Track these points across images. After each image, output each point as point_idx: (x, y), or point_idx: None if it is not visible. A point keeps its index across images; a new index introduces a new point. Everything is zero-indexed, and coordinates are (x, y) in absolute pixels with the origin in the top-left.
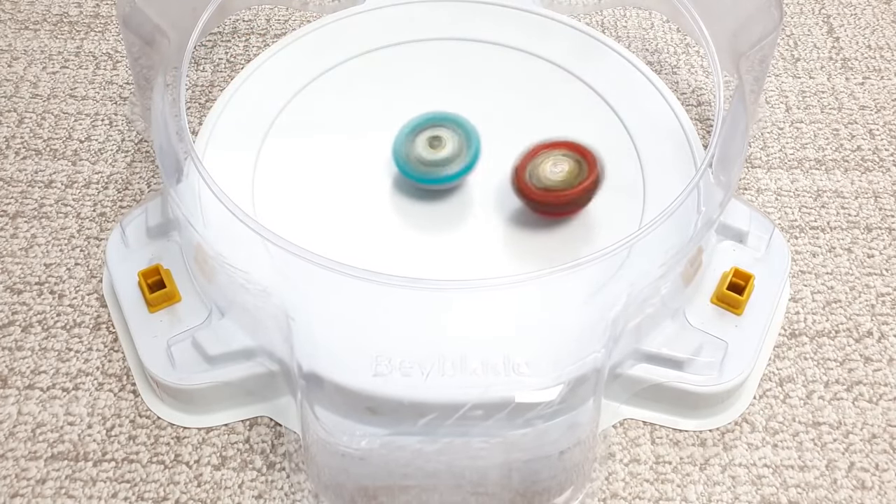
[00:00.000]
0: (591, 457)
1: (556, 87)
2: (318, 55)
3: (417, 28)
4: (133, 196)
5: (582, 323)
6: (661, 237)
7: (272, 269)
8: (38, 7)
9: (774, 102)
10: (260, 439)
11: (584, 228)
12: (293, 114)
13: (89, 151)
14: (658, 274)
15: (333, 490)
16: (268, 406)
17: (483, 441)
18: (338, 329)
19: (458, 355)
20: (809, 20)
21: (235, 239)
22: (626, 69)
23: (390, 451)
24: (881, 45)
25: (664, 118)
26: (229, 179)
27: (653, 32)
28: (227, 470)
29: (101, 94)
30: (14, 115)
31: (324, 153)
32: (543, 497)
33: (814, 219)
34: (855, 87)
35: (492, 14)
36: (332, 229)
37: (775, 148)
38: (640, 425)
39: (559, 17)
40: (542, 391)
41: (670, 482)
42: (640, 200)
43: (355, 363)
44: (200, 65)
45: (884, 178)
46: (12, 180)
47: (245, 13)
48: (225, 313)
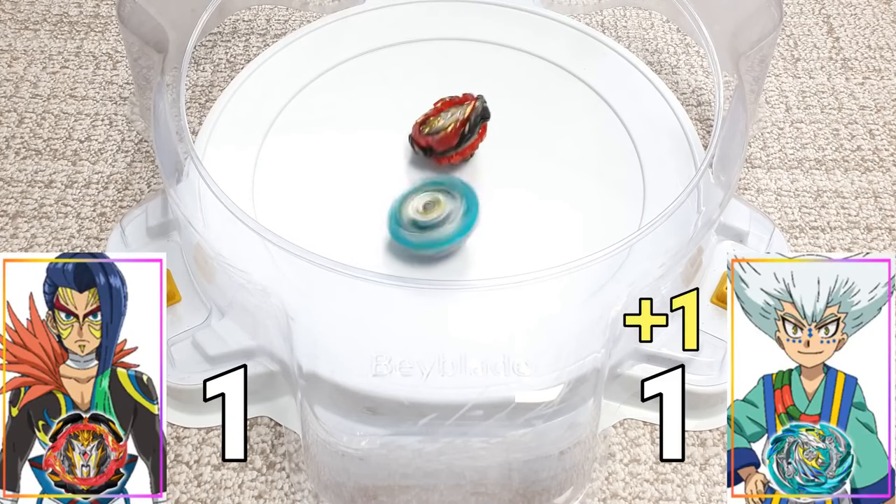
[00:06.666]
0: (591, 457)
1: (556, 87)
2: (318, 55)
3: (417, 28)
4: (133, 196)
5: (582, 323)
6: (661, 237)
7: (272, 269)
8: (38, 7)
9: (774, 102)
10: (260, 439)
11: (584, 228)
12: (293, 113)
13: (89, 151)
14: (658, 274)
15: (333, 490)
16: (268, 406)
17: (483, 441)
18: (338, 329)
19: (458, 355)
20: (809, 20)
21: (235, 239)
22: (626, 69)
23: (390, 451)
24: (881, 45)
25: (664, 118)
26: (229, 179)
27: (653, 32)
28: (227, 470)
29: (101, 94)
30: (14, 115)
31: (324, 153)
32: (543, 497)
33: (814, 219)
34: (855, 87)
35: (492, 14)
36: (333, 229)
37: (775, 148)
38: (640, 425)
39: (559, 17)
40: (542, 391)
41: (670, 482)
42: (640, 200)
43: (355, 363)
44: (200, 65)
45: (884, 178)
46: (12, 180)
47: (245, 13)
48: (225, 313)
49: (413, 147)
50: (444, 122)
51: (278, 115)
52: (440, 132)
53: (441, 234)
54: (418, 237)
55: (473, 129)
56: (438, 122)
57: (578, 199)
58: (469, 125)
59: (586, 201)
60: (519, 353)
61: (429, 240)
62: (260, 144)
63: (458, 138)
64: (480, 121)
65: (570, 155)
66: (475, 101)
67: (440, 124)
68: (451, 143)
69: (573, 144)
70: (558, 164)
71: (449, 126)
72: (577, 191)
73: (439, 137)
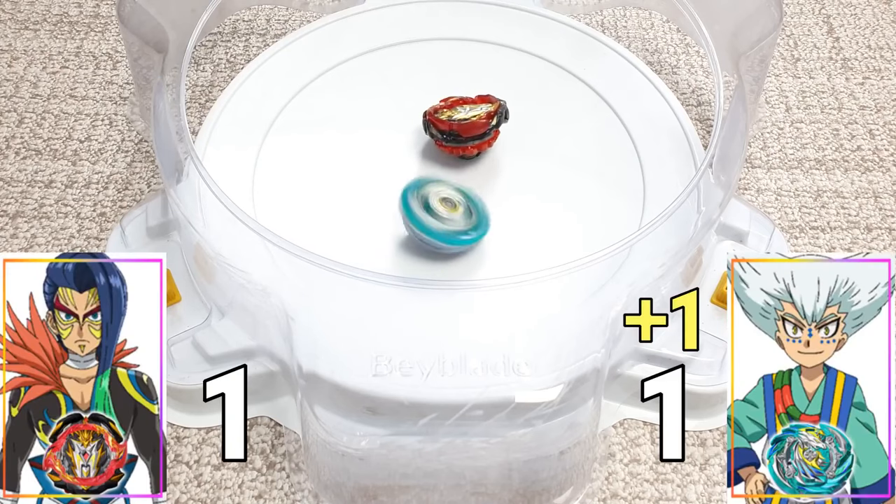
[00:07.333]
0: (591, 457)
1: (556, 87)
2: (318, 55)
3: (417, 28)
4: (133, 196)
5: (582, 323)
6: (661, 237)
7: (272, 269)
8: (38, 7)
9: (774, 102)
10: (260, 439)
11: (584, 228)
12: (293, 113)
13: (89, 151)
14: (658, 274)
15: (333, 490)
16: (268, 406)
17: (483, 441)
18: (338, 329)
19: (458, 355)
20: (809, 20)
21: (235, 239)
22: (626, 69)
23: (390, 451)
24: (881, 45)
25: (664, 118)
26: (229, 179)
27: (653, 32)
28: (227, 470)
29: (101, 94)
30: (14, 115)
31: (323, 153)
32: (543, 497)
33: (814, 219)
34: (855, 87)
35: (492, 14)
36: (332, 229)
37: (775, 148)
38: (640, 425)
39: (559, 17)
40: (542, 391)
41: (670, 482)
42: (640, 200)
43: (355, 363)
44: (200, 65)
45: (884, 178)
46: (12, 180)
47: (245, 13)
48: (225, 313)
49: (428, 131)
50: (470, 113)
51: (278, 115)
52: (468, 120)
53: (450, 229)
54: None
55: (497, 125)
56: (459, 113)
57: (578, 199)
58: (496, 119)
59: (586, 201)
60: (519, 353)
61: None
62: (260, 144)
63: (486, 128)
64: (503, 119)
65: (570, 155)
66: (500, 101)
67: (464, 115)
68: (479, 131)
69: (573, 144)
70: (558, 164)
71: (477, 115)
72: (577, 191)
73: (467, 124)
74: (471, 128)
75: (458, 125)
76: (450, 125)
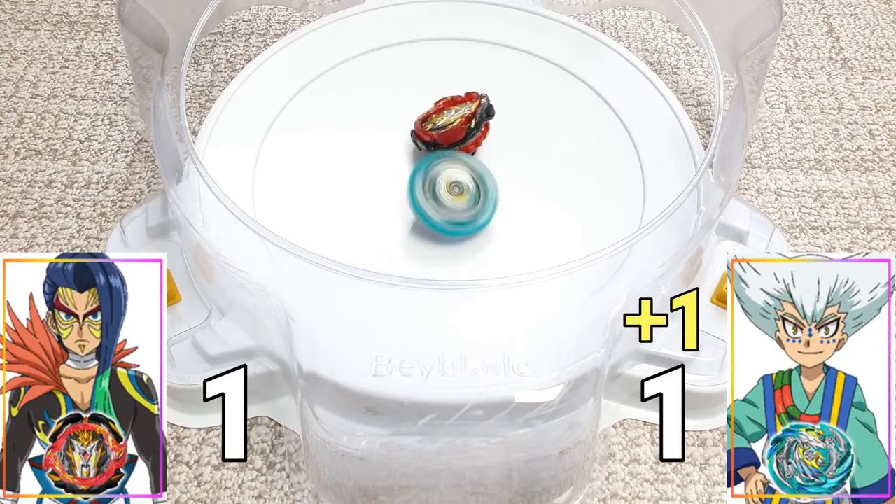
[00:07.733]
0: (591, 457)
1: (556, 87)
2: (318, 55)
3: (417, 28)
4: (133, 196)
5: (582, 323)
6: (661, 237)
7: (272, 269)
8: (38, 7)
9: (774, 102)
10: (260, 439)
11: (584, 228)
12: (293, 113)
13: (89, 151)
14: (658, 274)
15: (333, 490)
16: (268, 406)
17: (483, 441)
18: (338, 329)
19: (458, 355)
20: (809, 20)
21: (235, 239)
22: (626, 69)
23: (390, 451)
24: (881, 45)
25: (664, 118)
26: (229, 179)
27: (653, 32)
28: (227, 470)
29: (101, 94)
30: (14, 115)
31: (324, 153)
32: (543, 497)
33: (814, 219)
34: (855, 87)
35: (492, 14)
36: (332, 229)
37: (775, 148)
38: (640, 425)
39: (559, 17)
40: (542, 391)
41: (670, 482)
42: (640, 200)
43: (355, 363)
44: (200, 65)
45: (884, 178)
46: (12, 180)
47: (245, 13)
48: (225, 313)
49: (416, 143)
50: (449, 118)
51: (278, 115)
52: (446, 127)
53: (449, 218)
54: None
55: (479, 125)
56: (441, 118)
57: (578, 199)
58: (475, 121)
59: (586, 201)
60: (519, 353)
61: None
62: (260, 144)
63: (464, 133)
64: (486, 117)
65: (570, 155)
66: (481, 99)
67: (444, 120)
68: (458, 137)
69: (573, 144)
70: (558, 164)
71: (455, 121)
72: (577, 191)
73: (446, 132)
74: (450, 136)
75: (440, 135)
76: (431, 135)
